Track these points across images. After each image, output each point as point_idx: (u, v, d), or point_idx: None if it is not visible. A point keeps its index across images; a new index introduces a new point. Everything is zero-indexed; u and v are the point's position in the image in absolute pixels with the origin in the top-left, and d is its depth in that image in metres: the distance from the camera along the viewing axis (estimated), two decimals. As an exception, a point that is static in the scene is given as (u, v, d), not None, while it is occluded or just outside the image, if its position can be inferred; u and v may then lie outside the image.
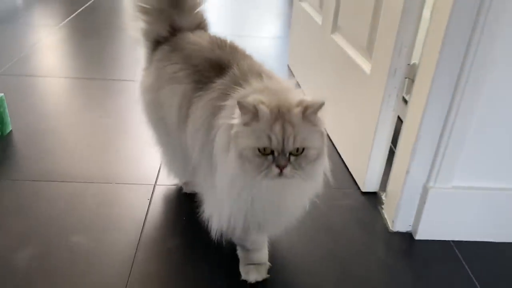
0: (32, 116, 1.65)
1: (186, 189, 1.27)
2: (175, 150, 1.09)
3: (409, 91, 1.14)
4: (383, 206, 1.26)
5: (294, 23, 2.16)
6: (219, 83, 0.92)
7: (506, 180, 1.11)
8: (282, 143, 0.76)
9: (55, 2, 3.18)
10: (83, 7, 3.03)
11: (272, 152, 0.77)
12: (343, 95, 1.43)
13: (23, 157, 1.40)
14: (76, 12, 2.91)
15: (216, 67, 0.95)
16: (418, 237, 1.16)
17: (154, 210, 1.21)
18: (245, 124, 0.77)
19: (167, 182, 1.30)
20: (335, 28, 1.56)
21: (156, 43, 1.11)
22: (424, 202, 1.12)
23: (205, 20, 1.16)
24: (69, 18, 2.78)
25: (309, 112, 0.76)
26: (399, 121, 1.22)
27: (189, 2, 1.10)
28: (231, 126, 0.80)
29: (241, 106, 0.76)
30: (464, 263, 1.09)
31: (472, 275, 1.06)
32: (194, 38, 1.06)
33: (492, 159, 1.08)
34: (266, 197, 0.84)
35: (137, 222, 1.16)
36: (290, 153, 0.77)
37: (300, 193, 0.88)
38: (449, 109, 1.03)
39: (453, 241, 1.16)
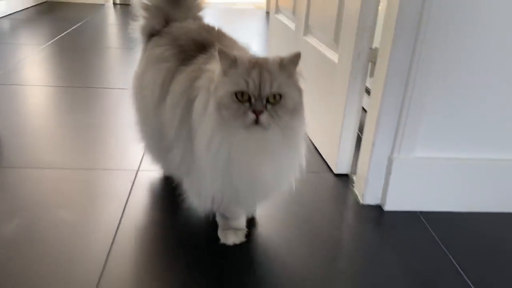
0: (18, 117, 1.71)
1: (166, 172, 1.33)
2: (154, 130, 1.11)
3: (372, 74, 1.25)
4: (354, 185, 1.34)
5: (272, 34, 2.30)
6: (200, 57, 0.98)
7: (467, 151, 1.20)
8: (258, 87, 0.80)
9: (41, 25, 3.29)
10: (70, 29, 3.14)
11: (249, 100, 0.81)
12: (315, 88, 1.53)
13: (10, 149, 1.45)
14: (63, 33, 3.01)
15: (201, 47, 1.01)
16: (387, 208, 1.24)
17: (137, 188, 1.26)
18: (224, 73, 0.83)
19: (150, 168, 1.36)
20: (306, 30, 1.68)
21: (150, 36, 1.18)
22: (390, 173, 1.20)
23: (200, 15, 1.23)
24: (55, 39, 2.88)
25: (285, 62, 0.82)
26: (365, 111, 1.32)
27: (187, 1, 1.18)
28: (210, 85, 0.86)
29: (221, 52, 0.82)
30: (431, 230, 1.17)
31: (438, 240, 1.13)
32: (183, 24, 1.13)
33: (451, 130, 1.18)
34: (244, 157, 0.85)
35: (121, 198, 1.21)
36: (268, 101, 0.81)
37: (280, 161, 0.89)
38: (406, 85, 1.13)
39: (420, 211, 1.24)
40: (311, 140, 1.60)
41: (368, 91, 1.35)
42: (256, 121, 0.81)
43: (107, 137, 1.60)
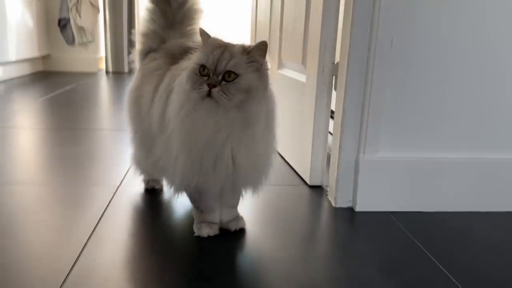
0: (9, 149, 1.78)
1: (148, 185, 1.38)
2: (145, 133, 1.17)
3: (336, 87, 1.36)
4: (327, 193, 1.39)
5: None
6: (185, 59, 1.08)
7: (428, 150, 1.28)
8: (216, 63, 0.91)
9: (35, 87, 3.46)
10: (63, 90, 3.30)
11: (208, 75, 0.92)
12: (288, 109, 1.64)
13: (-3, 175, 1.51)
14: (56, 92, 3.17)
15: (187, 50, 1.11)
16: (358, 209, 1.29)
17: (116, 200, 1.31)
18: (201, 49, 0.96)
19: (132, 183, 1.41)
20: (280, 65, 1.83)
21: (146, 54, 1.28)
22: (358, 174, 1.27)
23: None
24: (49, 95, 3.03)
25: (250, 48, 0.93)
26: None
27: (185, 26, 1.28)
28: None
29: (201, 32, 0.96)
30: (401, 227, 1.21)
31: (408, 233, 1.18)
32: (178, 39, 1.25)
33: (410, 130, 1.27)
34: (203, 128, 0.93)
35: (100, 207, 1.25)
36: (224, 79, 0.91)
37: (241, 141, 0.95)
38: (364, 90, 1.24)
39: (391, 211, 1.29)
40: (283, 158, 1.68)
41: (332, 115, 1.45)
42: (209, 94, 0.90)
43: (91, 162, 1.67)
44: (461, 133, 1.28)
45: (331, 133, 1.39)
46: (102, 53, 4.67)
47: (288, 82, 1.66)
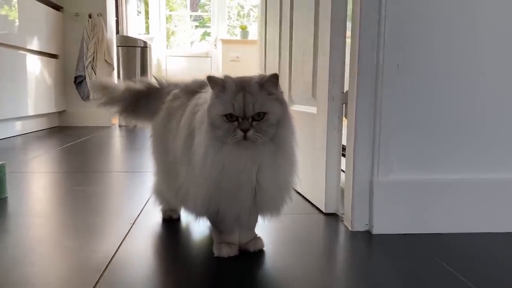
0: (29, 188, 1.83)
1: (165, 215, 1.41)
2: (169, 165, 1.20)
3: (346, 115, 1.41)
4: (343, 219, 1.40)
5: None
6: (202, 92, 1.15)
7: (442, 170, 1.30)
8: (243, 109, 0.97)
9: (51, 140, 3.56)
10: (78, 141, 3.40)
11: (237, 119, 0.97)
12: (300, 142, 1.68)
13: (17, 202, 1.54)
14: (71, 143, 3.26)
15: (204, 84, 1.18)
16: (375, 231, 1.29)
17: (136, 226, 1.33)
18: (215, 96, 1.00)
19: (150, 216, 1.44)
20: (291, 102, 1.89)
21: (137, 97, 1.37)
22: (373, 196, 1.29)
23: None
24: (64, 146, 3.12)
25: (264, 82, 0.99)
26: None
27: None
28: (205, 105, 1.03)
29: (210, 80, 1.00)
30: (418, 249, 1.21)
31: (424, 254, 1.18)
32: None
33: (422, 152, 1.30)
34: (235, 162, 0.99)
35: (119, 236, 1.27)
36: (253, 119, 0.97)
37: (273, 166, 1.01)
38: (374, 114, 1.29)
39: (409, 234, 1.29)
40: (296, 190, 1.70)
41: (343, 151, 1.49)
42: (245, 137, 0.96)
43: (109, 198, 1.71)
44: (476, 153, 1.31)
45: (343, 171, 1.43)
46: (115, 107, 4.82)
47: (299, 116, 1.71)
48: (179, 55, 6.73)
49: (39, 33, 3.94)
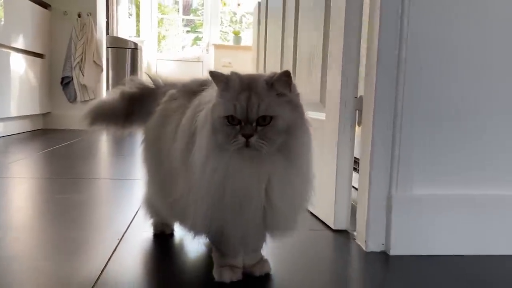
0: (11, 195, 1.66)
1: (157, 229, 1.26)
2: (163, 174, 1.06)
3: (360, 122, 1.28)
4: (355, 237, 1.27)
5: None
6: (204, 92, 1.00)
7: (469, 185, 1.18)
8: (246, 111, 0.81)
9: (34, 143, 3.38)
10: (63, 144, 3.23)
11: (239, 122, 0.82)
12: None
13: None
14: (56, 146, 3.09)
15: (203, 84, 1.04)
16: (392, 253, 1.16)
17: (124, 242, 1.18)
18: (219, 94, 0.85)
19: (139, 230, 1.29)
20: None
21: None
22: (391, 213, 1.16)
23: None
24: (49, 149, 2.94)
25: (274, 80, 0.83)
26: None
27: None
28: (209, 105, 0.88)
29: (213, 75, 0.85)
30: (441, 275, 1.08)
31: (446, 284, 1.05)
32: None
33: (446, 164, 1.17)
34: (240, 176, 0.84)
35: (108, 248, 1.12)
36: (258, 124, 0.82)
37: (283, 182, 0.86)
38: (394, 122, 1.16)
39: (430, 255, 1.15)
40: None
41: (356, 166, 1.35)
42: (247, 144, 0.81)
43: (94, 208, 1.55)
44: (507, 167, 1.19)
45: (355, 188, 1.30)
46: (103, 111, 4.65)
47: (305, 122, 1.58)
48: (170, 59, 6.58)
49: (24, 31, 3.76)
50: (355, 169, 1.32)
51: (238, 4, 6.85)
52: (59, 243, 1.20)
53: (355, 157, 1.32)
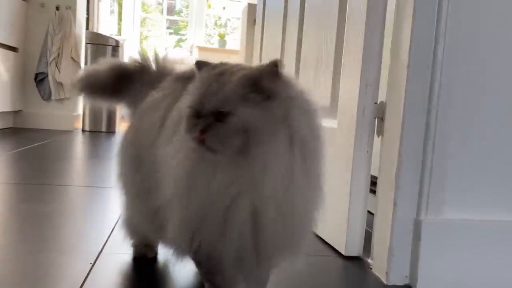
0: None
1: (137, 252, 1.05)
2: (143, 180, 0.89)
3: (380, 132, 1.11)
4: (371, 266, 1.09)
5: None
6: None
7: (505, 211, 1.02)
8: (202, 102, 0.68)
9: (3, 142, 3.11)
10: (35, 144, 2.98)
11: (198, 115, 0.68)
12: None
13: None
14: (27, 147, 2.84)
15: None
16: (419, 286, 0.98)
17: (98, 267, 0.97)
18: (193, 83, 0.73)
19: (116, 251, 1.08)
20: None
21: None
22: (419, 240, 0.98)
23: None
24: (19, 149, 2.69)
25: (255, 76, 0.68)
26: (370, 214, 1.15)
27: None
28: None
29: (197, 63, 0.74)
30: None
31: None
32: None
33: (485, 186, 1.01)
34: (213, 180, 0.69)
35: (76, 281, 0.91)
36: (217, 120, 0.67)
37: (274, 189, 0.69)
38: (426, 134, 0.99)
39: (460, 292, 0.99)
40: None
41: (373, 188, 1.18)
42: (202, 140, 0.66)
43: (64, 223, 1.33)
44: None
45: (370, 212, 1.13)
46: (79, 110, 4.38)
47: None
48: (152, 60, 6.34)
49: (-4, 22, 3.50)
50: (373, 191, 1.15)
51: (224, 8, 6.70)
52: (17, 268, 0.98)
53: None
